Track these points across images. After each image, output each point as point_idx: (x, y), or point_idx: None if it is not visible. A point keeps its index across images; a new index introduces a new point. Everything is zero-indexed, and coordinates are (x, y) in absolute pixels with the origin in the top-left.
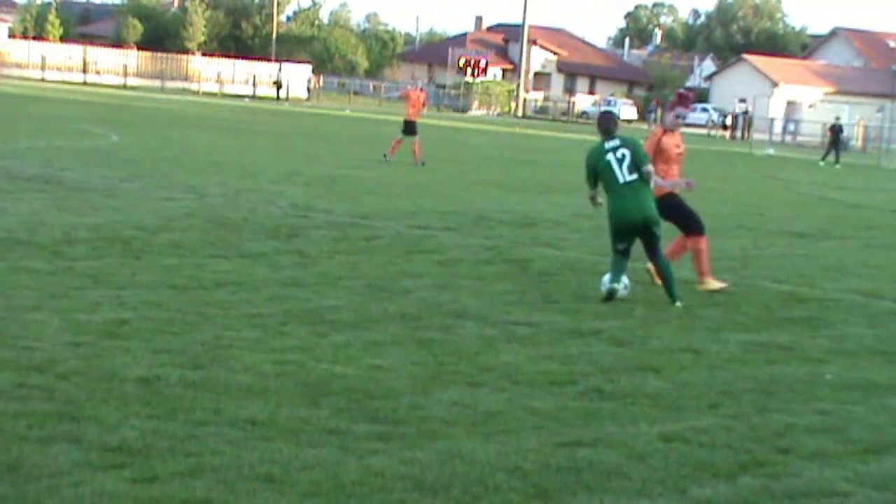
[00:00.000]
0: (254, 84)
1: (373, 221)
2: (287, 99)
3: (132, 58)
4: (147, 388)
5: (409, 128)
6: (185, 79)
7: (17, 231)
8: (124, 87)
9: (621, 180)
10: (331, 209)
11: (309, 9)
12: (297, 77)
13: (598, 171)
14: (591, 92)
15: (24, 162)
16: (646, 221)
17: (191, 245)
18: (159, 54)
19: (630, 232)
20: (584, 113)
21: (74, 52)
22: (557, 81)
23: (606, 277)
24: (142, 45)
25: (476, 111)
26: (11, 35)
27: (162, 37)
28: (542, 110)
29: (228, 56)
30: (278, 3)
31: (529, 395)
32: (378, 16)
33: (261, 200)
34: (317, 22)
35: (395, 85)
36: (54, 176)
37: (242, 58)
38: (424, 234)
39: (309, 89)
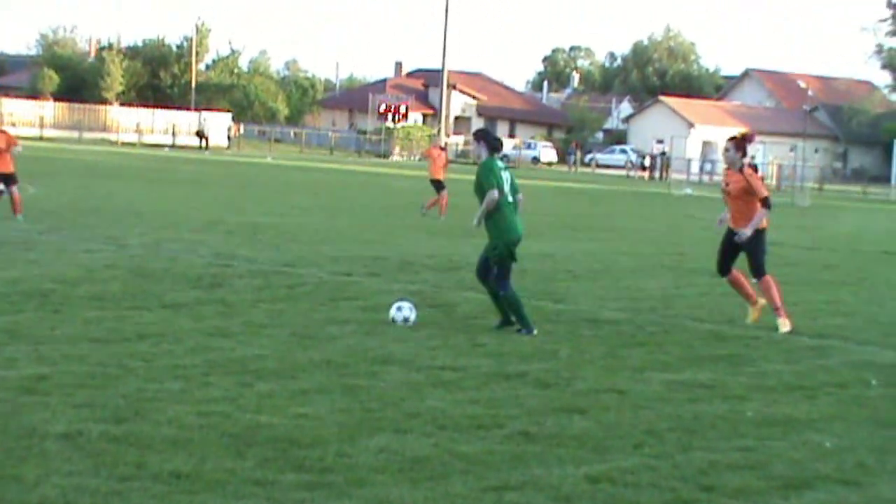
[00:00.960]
0: (173, 133)
1: (296, 269)
2: (208, 147)
3: (48, 109)
4: (68, 443)
5: (437, 185)
6: (104, 129)
7: None
8: (41, 138)
9: (510, 199)
10: (254, 257)
11: (228, 57)
12: (218, 125)
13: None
14: (512, 135)
15: None
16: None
17: (112, 297)
18: (76, 105)
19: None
20: (504, 156)
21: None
22: (478, 125)
23: (406, 309)
24: (58, 96)
25: (397, 156)
26: None
27: (79, 87)
28: (464, 154)
29: (147, 105)
30: (197, 52)
31: (456, 439)
32: (298, 62)
33: (183, 250)
34: (236, 70)
35: (316, 131)
36: None
37: (161, 107)
38: (348, 281)
39: (229, 137)
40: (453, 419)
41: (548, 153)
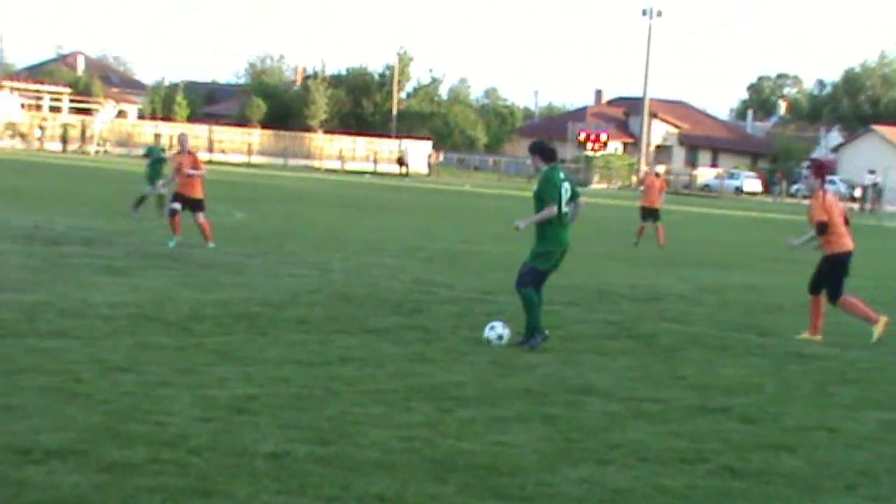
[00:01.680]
0: (374, 161)
1: (495, 296)
2: (408, 174)
3: (256, 136)
4: (276, 463)
5: (650, 214)
6: (308, 156)
7: (145, 307)
8: (248, 164)
9: (564, 210)
10: (453, 284)
11: (429, 85)
12: (418, 153)
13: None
14: (714, 165)
15: (152, 239)
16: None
17: (316, 321)
18: (282, 132)
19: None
20: (706, 186)
21: (200, 131)
22: (679, 154)
23: (499, 327)
24: (265, 124)
25: (596, 185)
26: (140, 116)
27: (285, 115)
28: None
29: (350, 133)
30: (399, 81)
31: (659, 472)
32: (497, 91)
33: (384, 276)
34: (436, 98)
35: (515, 159)
36: (182, 253)
37: (363, 134)
38: (547, 310)
39: (429, 165)
40: (655, 452)
41: (752, 183)
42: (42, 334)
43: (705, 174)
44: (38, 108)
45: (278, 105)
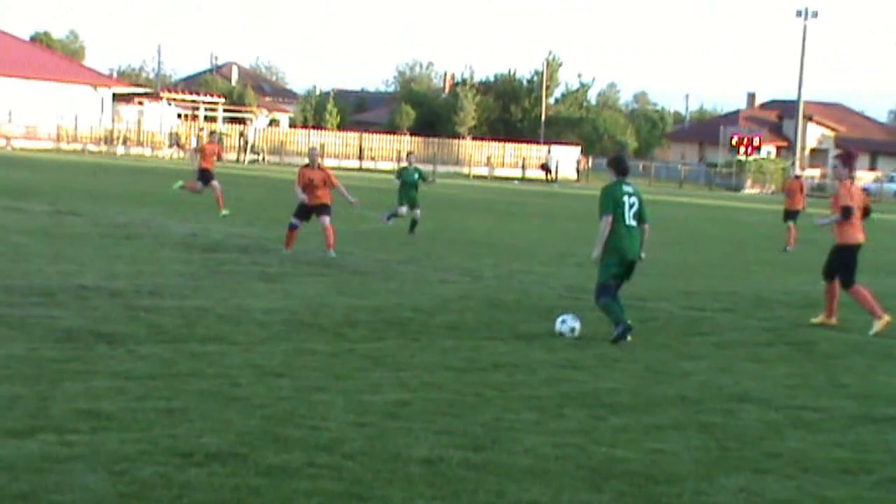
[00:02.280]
0: (523, 167)
1: (647, 303)
2: (556, 180)
3: (405, 143)
4: (430, 469)
5: (791, 215)
6: (457, 163)
7: (301, 313)
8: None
9: (627, 222)
10: None
11: (577, 90)
12: (567, 158)
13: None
14: (872, 168)
15: (305, 246)
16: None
17: (467, 327)
18: (431, 139)
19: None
20: (864, 190)
21: (351, 139)
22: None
23: (570, 320)
24: (414, 131)
25: (749, 190)
26: (292, 125)
27: (433, 122)
28: (820, 188)
29: (498, 139)
30: (547, 86)
31: (820, 483)
32: (647, 95)
33: (534, 282)
34: (585, 103)
35: (665, 164)
36: (334, 260)
37: (512, 141)
38: (701, 316)
39: (578, 171)
40: (816, 462)
41: None
42: (201, 339)
43: (863, 178)
44: (195, 118)
45: (427, 112)
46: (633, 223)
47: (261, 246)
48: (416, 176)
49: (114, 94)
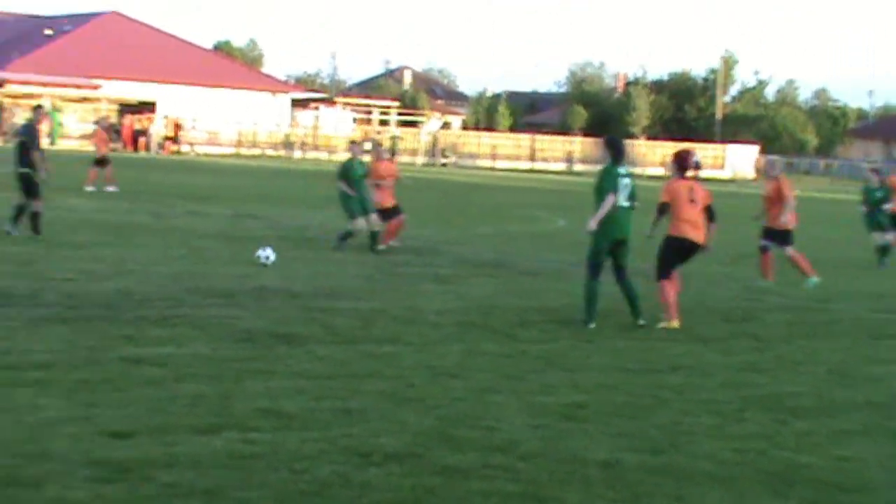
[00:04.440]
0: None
1: (831, 305)
2: (734, 180)
3: (577, 144)
4: (608, 472)
5: None
6: (631, 163)
7: (472, 315)
8: (569, 172)
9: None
10: (784, 292)
11: (754, 88)
12: (744, 157)
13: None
14: None
15: (477, 248)
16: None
17: (640, 328)
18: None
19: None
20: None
21: (522, 140)
22: None
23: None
24: (587, 132)
25: None
26: (464, 127)
27: (606, 122)
28: None
29: (672, 139)
30: (723, 84)
31: None
32: (827, 91)
33: (711, 283)
34: (762, 101)
35: (848, 162)
36: (505, 261)
37: (686, 140)
38: (890, 319)
39: (756, 169)
40: None
41: None
42: (376, 340)
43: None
44: (369, 121)
45: (599, 112)
46: (626, 204)
47: (433, 248)
48: (363, 171)
49: (291, 100)
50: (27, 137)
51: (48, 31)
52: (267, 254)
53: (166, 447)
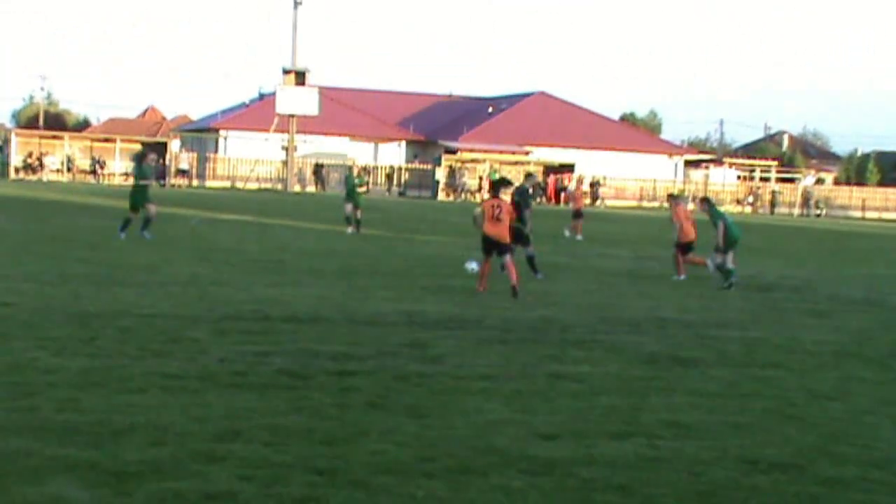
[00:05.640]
0: None
1: None
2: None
3: None
4: None
5: None
6: None
7: (847, 345)
8: None
9: None
10: None
11: None
12: None
13: None
14: None
15: (849, 287)
16: None
17: None
18: None
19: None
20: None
21: (891, 194)
22: None
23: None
24: None
25: None
26: (836, 182)
27: None
28: None
29: None
30: None
31: None
32: None
33: None
34: None
35: None
36: (876, 298)
37: None
38: None
39: None
40: None
41: None
42: (760, 365)
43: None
44: (751, 178)
45: None
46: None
47: (809, 286)
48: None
49: (685, 161)
50: (520, 198)
51: (490, 109)
52: (473, 266)
53: (586, 448)
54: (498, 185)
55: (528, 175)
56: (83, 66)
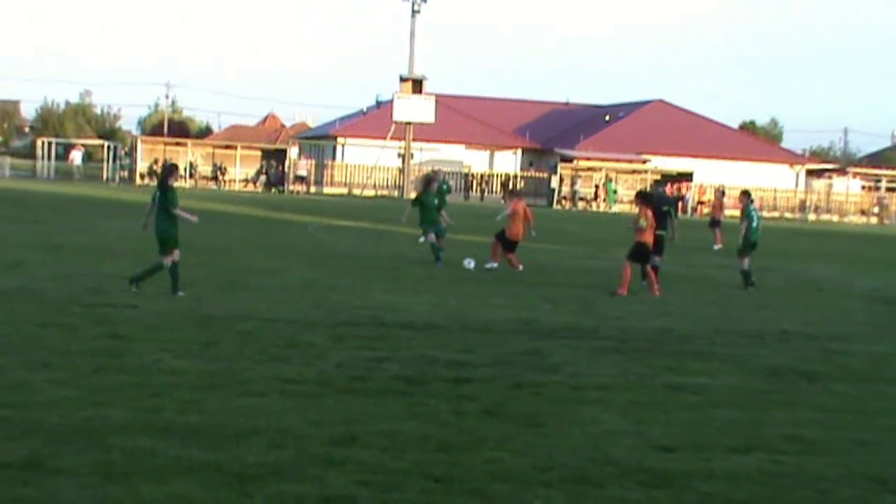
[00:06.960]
0: None
1: None
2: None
3: None
4: None
5: None
6: None
7: None
8: None
9: None
10: None
11: None
12: None
13: None
14: None
15: None
16: None
17: None
18: None
19: None
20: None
21: None
22: None
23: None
24: None
25: None
26: None
27: None
28: None
29: None
30: None
31: None
32: None
33: None
34: None
35: None
36: None
37: None
38: None
39: None
40: None
41: None
42: (888, 381)
43: None
44: (877, 188)
45: None
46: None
47: None
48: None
49: (807, 171)
50: (669, 206)
51: (607, 118)
52: (470, 263)
53: (704, 462)
54: (648, 196)
55: (657, 182)
56: (205, 73)
